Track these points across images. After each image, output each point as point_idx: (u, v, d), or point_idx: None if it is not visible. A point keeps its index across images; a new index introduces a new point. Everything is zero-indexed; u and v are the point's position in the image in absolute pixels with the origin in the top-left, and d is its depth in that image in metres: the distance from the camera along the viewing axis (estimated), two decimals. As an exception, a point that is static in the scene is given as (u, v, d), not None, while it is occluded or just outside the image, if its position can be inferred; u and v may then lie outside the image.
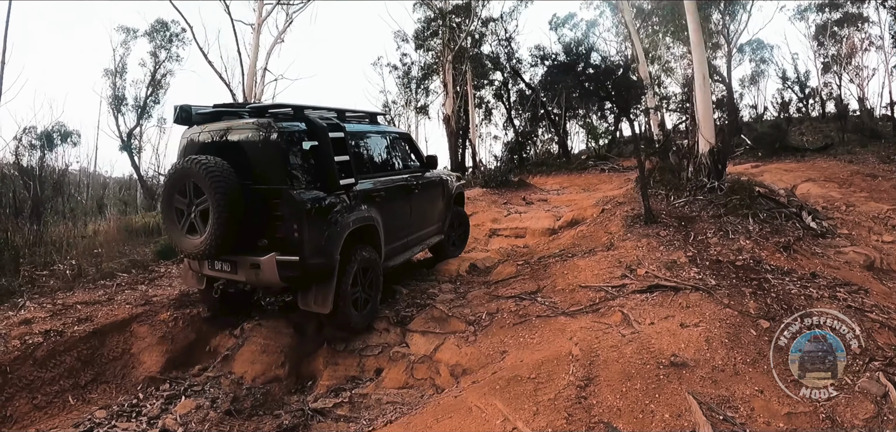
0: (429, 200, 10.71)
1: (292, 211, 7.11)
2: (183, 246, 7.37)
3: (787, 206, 12.64)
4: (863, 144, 24.92)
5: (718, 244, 10.31)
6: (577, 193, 21.31)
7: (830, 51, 35.06)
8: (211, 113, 7.96)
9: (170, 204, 7.41)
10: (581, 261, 10.15)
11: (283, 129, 7.27)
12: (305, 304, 7.70)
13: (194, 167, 6.90)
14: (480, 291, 9.77)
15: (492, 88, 35.52)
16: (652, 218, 11.83)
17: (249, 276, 7.39)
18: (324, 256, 7.44)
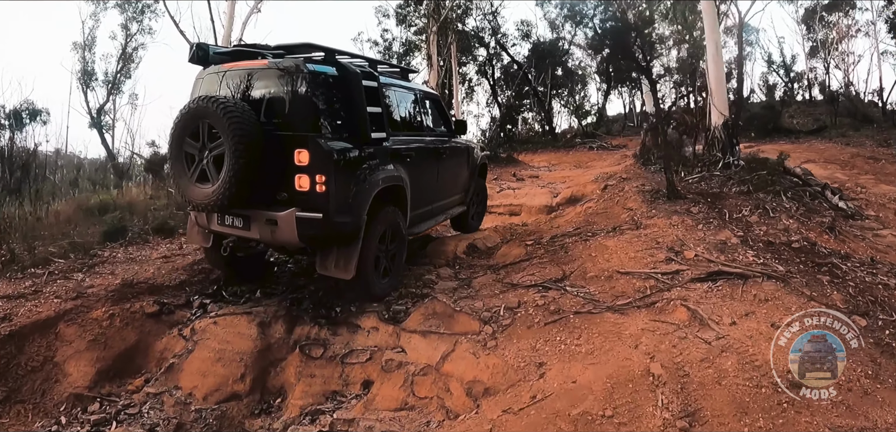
0: (455, 167, 9.69)
1: (319, 161, 6.20)
2: (192, 195, 6.44)
3: (811, 185, 11.45)
4: (855, 128, 24.57)
5: (761, 223, 8.99)
6: (570, 170, 19.85)
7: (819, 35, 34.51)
8: (230, 52, 7.18)
9: (179, 148, 6.51)
10: (608, 240, 8.26)
11: (313, 72, 6.39)
12: (324, 268, 6.73)
13: (210, 106, 6.11)
14: (488, 278, 7.79)
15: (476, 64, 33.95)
16: (676, 193, 10.35)
17: (264, 234, 6.50)
18: (350, 215, 6.50)
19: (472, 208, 10.77)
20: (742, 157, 13.41)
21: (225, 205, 6.22)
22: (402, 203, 7.57)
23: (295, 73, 6.37)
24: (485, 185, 11.65)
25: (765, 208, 9.54)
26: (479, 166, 10.76)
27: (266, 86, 6.59)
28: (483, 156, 11.18)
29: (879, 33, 31.38)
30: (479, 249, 9.39)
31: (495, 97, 32.33)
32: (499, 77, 33.00)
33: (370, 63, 7.82)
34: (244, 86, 6.67)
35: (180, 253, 8.97)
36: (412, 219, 7.95)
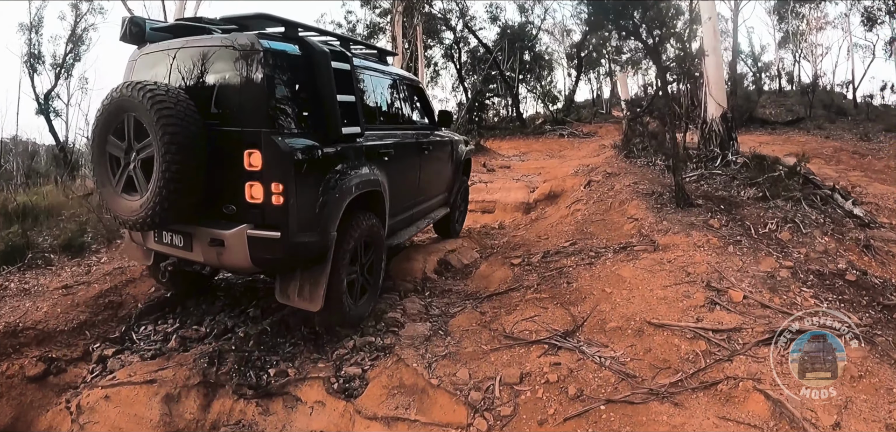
0: (439, 165, 8.12)
1: (275, 165, 4.61)
2: (117, 208, 4.87)
3: (820, 187, 9.84)
4: (830, 120, 24.06)
5: (796, 243, 7.29)
6: (543, 159, 18.28)
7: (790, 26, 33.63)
8: (170, 27, 5.62)
9: (102, 150, 4.93)
10: (622, 267, 6.35)
11: (269, 50, 4.77)
12: (285, 297, 5.20)
13: (136, 95, 4.54)
14: (470, 318, 5.84)
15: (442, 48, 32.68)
16: (686, 199, 8.59)
17: (209, 256, 4.90)
18: (316, 232, 4.94)
19: (457, 210, 9.16)
20: (741, 153, 11.72)
21: (156, 223, 4.67)
22: (380, 210, 5.99)
23: (246, 52, 4.75)
24: (467, 184, 9.97)
25: (793, 222, 7.88)
26: (463, 162, 9.15)
27: (213, 69, 4.98)
28: (467, 150, 9.48)
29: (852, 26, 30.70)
30: (453, 267, 7.64)
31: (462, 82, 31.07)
32: (465, 61, 31.82)
33: (341, 41, 6.20)
34: (187, 70, 5.07)
35: (86, 278, 6.86)
36: (390, 228, 6.40)
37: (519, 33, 30.12)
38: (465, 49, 31.82)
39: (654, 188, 9.56)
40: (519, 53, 29.57)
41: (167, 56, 5.25)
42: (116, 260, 7.44)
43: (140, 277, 6.86)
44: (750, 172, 10.48)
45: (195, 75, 5.04)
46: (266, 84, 4.71)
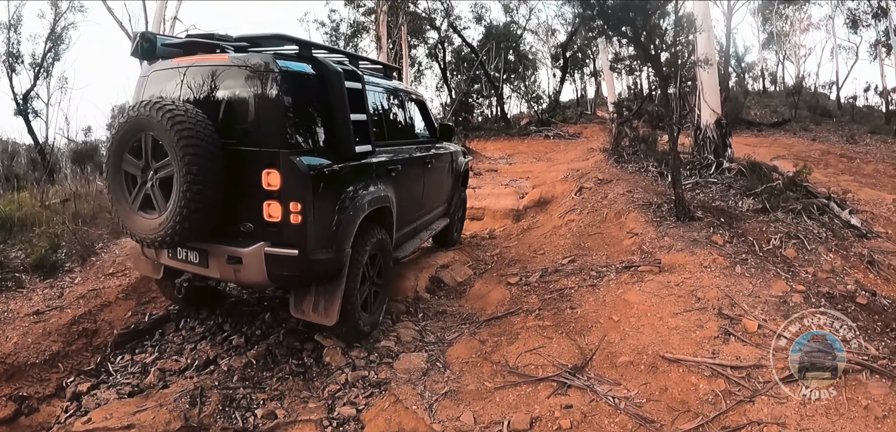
0: (440, 177, 8.21)
1: (293, 184, 4.67)
2: (134, 226, 4.89)
3: (816, 195, 9.73)
4: (815, 121, 24.10)
5: (802, 260, 7.12)
6: (530, 162, 17.90)
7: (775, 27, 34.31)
8: (182, 44, 5.54)
9: (117, 167, 4.94)
10: (628, 291, 6.06)
11: (286, 71, 4.85)
12: (300, 311, 5.23)
13: (155, 115, 4.54)
14: (469, 346, 5.54)
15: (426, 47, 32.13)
16: (686, 213, 8.31)
17: (226, 273, 4.92)
18: (333, 249, 5.03)
19: (454, 220, 9.25)
20: (736, 160, 11.50)
21: (175, 241, 4.73)
22: (389, 225, 6.11)
23: (263, 72, 4.83)
24: (466, 194, 10.09)
25: (797, 237, 7.68)
26: (462, 174, 9.28)
27: (227, 87, 5.02)
28: (465, 162, 9.60)
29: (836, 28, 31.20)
30: (446, 285, 7.37)
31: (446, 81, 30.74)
32: (450, 60, 31.50)
33: (350, 59, 6.28)
34: (199, 87, 5.11)
35: (59, 303, 6.41)
36: (397, 241, 6.47)
37: (503, 33, 29.89)
38: (449, 49, 31.51)
39: (650, 198, 9.32)
40: (503, 53, 29.34)
41: (180, 73, 5.23)
42: (91, 281, 7.04)
43: (115, 301, 6.49)
44: (746, 181, 10.29)
45: (209, 94, 5.06)
46: (283, 104, 4.77)
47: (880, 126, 23.03)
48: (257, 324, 6.15)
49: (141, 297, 6.78)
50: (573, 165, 14.82)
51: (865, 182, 13.47)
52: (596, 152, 16.10)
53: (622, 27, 8.00)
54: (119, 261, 7.60)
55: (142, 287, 6.91)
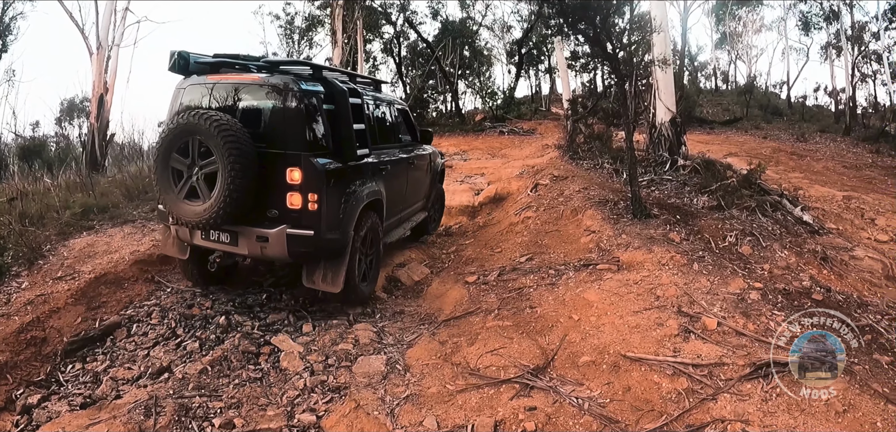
0: (421, 174, 9.48)
1: (311, 179, 5.94)
2: (180, 212, 5.98)
3: (769, 192, 9.90)
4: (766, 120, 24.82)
5: (758, 257, 7.25)
6: (486, 159, 17.96)
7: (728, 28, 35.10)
8: (212, 63, 6.60)
9: (165, 164, 6.01)
10: (587, 290, 6.06)
11: (305, 91, 6.10)
12: (311, 282, 6.39)
13: (203, 123, 5.65)
14: (428, 348, 5.53)
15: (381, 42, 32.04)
16: (643, 210, 8.41)
17: (253, 250, 6.13)
18: (339, 231, 6.28)
19: (432, 213, 10.37)
20: (690, 157, 11.63)
21: (217, 224, 5.87)
22: (380, 213, 7.28)
23: (287, 90, 6.07)
24: (442, 190, 11.11)
25: (752, 234, 7.81)
26: (438, 173, 10.53)
27: (256, 101, 6.25)
28: (441, 162, 10.84)
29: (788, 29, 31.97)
30: (403, 285, 7.52)
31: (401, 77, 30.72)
32: (405, 55, 31.59)
33: (349, 77, 7.71)
34: (232, 100, 6.29)
35: (6, 310, 6.22)
36: (386, 228, 7.64)
37: (459, 29, 29.99)
38: (405, 44, 31.52)
39: (607, 195, 9.38)
40: (459, 49, 29.44)
41: (211, 88, 6.37)
42: (38, 285, 6.81)
43: (64, 306, 6.29)
44: (700, 178, 10.40)
45: (241, 106, 6.20)
46: (303, 116, 6.01)
47: (830, 125, 23.63)
48: (211, 328, 6.01)
49: (91, 302, 6.59)
50: (528, 162, 15.00)
51: (816, 179, 13.81)
52: (551, 149, 16.28)
53: (580, 25, 8.03)
54: (68, 264, 7.37)
55: (91, 291, 6.73)
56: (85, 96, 23.00)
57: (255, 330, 5.99)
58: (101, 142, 16.85)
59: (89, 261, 7.51)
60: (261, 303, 6.87)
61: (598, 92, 17.30)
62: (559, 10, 8.12)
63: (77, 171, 14.84)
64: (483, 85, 32.22)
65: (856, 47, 25.75)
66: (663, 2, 12.00)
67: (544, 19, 9.51)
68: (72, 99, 26.47)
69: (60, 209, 9.30)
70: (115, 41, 17.49)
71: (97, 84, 16.89)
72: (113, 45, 17.40)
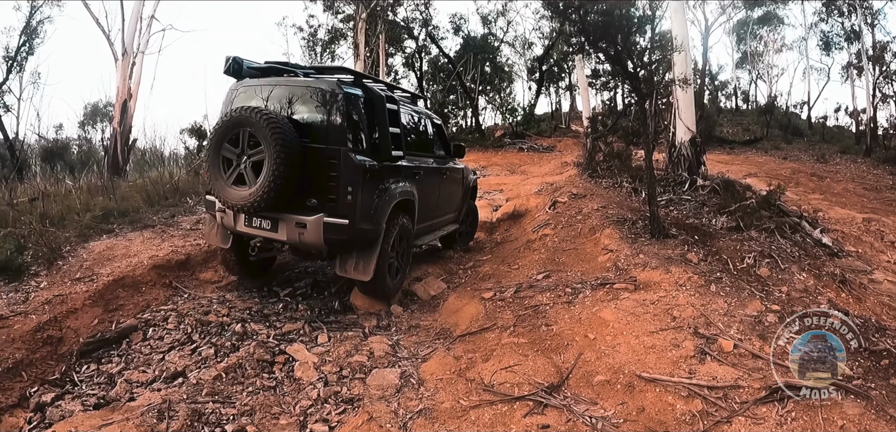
0: (452, 187, 9.87)
1: (349, 172, 6.49)
2: (228, 196, 6.52)
3: (788, 214, 9.81)
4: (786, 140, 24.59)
5: (776, 279, 7.10)
6: (504, 175, 17.93)
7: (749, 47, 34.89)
8: (262, 68, 7.41)
9: (217, 152, 6.64)
10: (603, 308, 6.01)
11: (347, 93, 6.68)
12: (344, 271, 6.93)
13: (253, 116, 6.30)
14: (443, 362, 5.47)
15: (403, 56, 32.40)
16: (661, 230, 8.33)
17: (292, 236, 6.60)
18: (372, 223, 6.81)
19: (463, 227, 10.70)
20: (709, 177, 11.55)
21: (260, 208, 6.31)
22: (411, 215, 7.77)
23: (330, 91, 6.64)
24: (475, 205, 11.44)
25: (771, 256, 7.70)
26: (470, 188, 10.77)
27: (301, 101, 6.80)
28: (473, 179, 11.08)
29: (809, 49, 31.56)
30: (419, 299, 7.50)
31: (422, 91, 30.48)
32: (426, 70, 31.80)
33: (388, 87, 8.16)
34: (279, 100, 6.86)
35: (24, 308, 6.20)
36: (417, 232, 8.12)
37: (481, 45, 30.06)
38: (426, 58, 31.64)
39: (625, 214, 9.34)
40: (480, 65, 29.50)
41: (261, 89, 6.99)
42: (57, 285, 6.85)
43: (81, 307, 6.32)
44: (719, 199, 10.33)
45: (288, 106, 6.78)
46: (344, 115, 6.54)
47: (850, 146, 23.38)
48: (227, 335, 6.03)
49: (108, 305, 6.62)
50: (547, 179, 14.93)
51: (836, 201, 13.75)
52: (570, 166, 16.21)
53: (602, 43, 8.02)
54: (87, 265, 7.42)
55: (109, 294, 6.76)
56: (108, 101, 23.25)
57: (270, 339, 5.99)
58: (123, 146, 17.04)
59: (108, 263, 7.55)
60: (277, 313, 6.89)
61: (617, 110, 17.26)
62: (581, 29, 8.12)
63: (99, 175, 14.99)
64: (503, 101, 32.32)
65: (877, 67, 25.49)
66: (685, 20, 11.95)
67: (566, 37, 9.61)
68: (95, 103, 26.79)
69: (81, 211, 9.37)
70: (140, 48, 17.83)
71: (121, 89, 17.10)
72: (138, 52, 17.74)
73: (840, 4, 28.06)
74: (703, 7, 23.24)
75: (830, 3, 28.76)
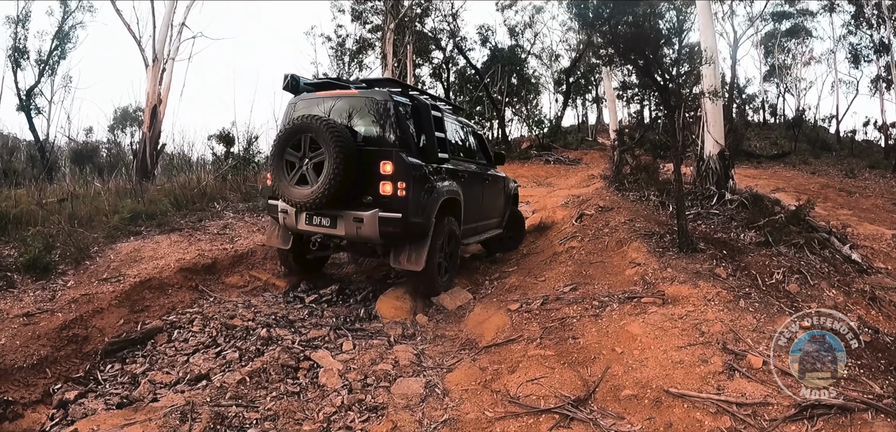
0: (495, 193, 10.53)
1: (401, 170, 7.18)
2: (291, 195, 7.30)
3: (817, 230, 9.70)
4: (815, 155, 24.45)
5: (806, 296, 7.07)
6: (531, 187, 17.89)
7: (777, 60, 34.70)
8: (316, 83, 8.46)
9: (281, 157, 7.41)
10: (631, 322, 5.90)
11: (396, 102, 7.49)
12: (398, 262, 7.58)
13: (314, 123, 7.06)
14: (468, 373, 5.43)
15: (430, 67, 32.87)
16: (689, 244, 8.18)
17: (350, 230, 7.35)
18: (423, 216, 7.47)
19: (506, 232, 11.17)
20: (738, 191, 11.41)
21: (321, 204, 7.03)
22: (458, 215, 8.44)
23: (382, 102, 7.45)
24: (520, 212, 12.01)
25: (800, 272, 7.59)
26: (512, 196, 11.42)
27: (356, 110, 7.60)
28: (514, 186, 11.74)
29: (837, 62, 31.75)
30: (445, 309, 7.44)
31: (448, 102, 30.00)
32: (453, 81, 32.14)
33: (431, 99, 8.82)
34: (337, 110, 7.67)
35: (50, 306, 6.32)
36: (463, 232, 8.74)
37: (508, 56, 30.11)
38: (453, 69, 31.84)
39: (652, 228, 9.22)
40: (507, 76, 29.50)
41: (318, 101, 7.81)
42: (84, 285, 6.93)
43: (107, 307, 6.39)
44: (748, 213, 10.21)
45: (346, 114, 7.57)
46: (395, 120, 7.31)
47: (879, 161, 23.08)
48: (252, 339, 6.02)
49: (134, 305, 6.69)
50: (573, 191, 14.92)
51: (865, 216, 13.61)
52: (596, 179, 16.18)
53: (631, 55, 7.97)
54: (114, 266, 7.47)
55: (135, 295, 6.82)
56: (138, 106, 23.53)
57: (295, 345, 5.97)
58: (152, 151, 17.23)
59: (135, 265, 7.62)
60: (302, 319, 6.92)
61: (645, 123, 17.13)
62: (610, 41, 8.11)
63: (127, 178, 15.14)
64: (530, 113, 32.42)
65: (906, 80, 24.98)
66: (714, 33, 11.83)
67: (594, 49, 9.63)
68: (125, 108, 27.13)
69: (109, 213, 9.47)
70: (171, 54, 18.18)
71: (151, 95, 17.33)
72: (168, 58, 18.07)
73: (869, 16, 27.78)
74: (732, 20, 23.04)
75: (859, 16, 28.52)
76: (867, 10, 27.84)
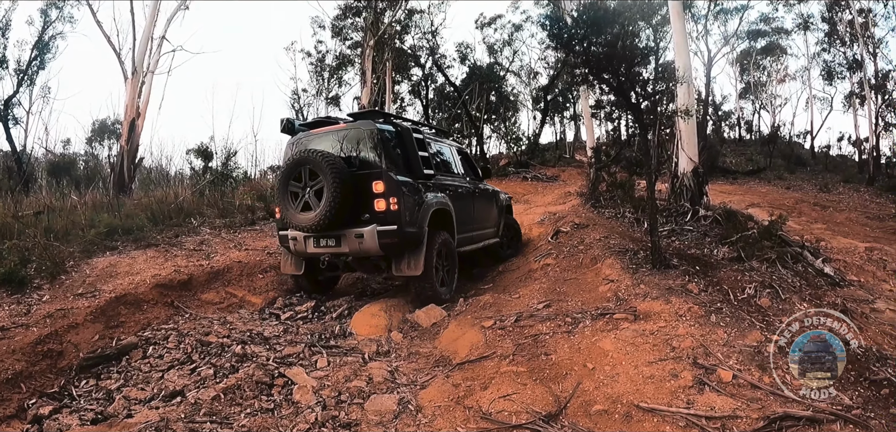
0: (486, 205, 11.26)
1: (391, 187, 7.98)
2: (298, 221, 8.07)
3: (790, 244, 9.77)
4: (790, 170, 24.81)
5: (777, 310, 7.06)
6: (509, 204, 17.36)
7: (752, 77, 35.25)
8: (309, 123, 9.41)
9: (285, 189, 8.27)
10: (603, 338, 5.95)
11: (381, 129, 8.35)
12: (399, 270, 8.30)
13: (311, 156, 7.95)
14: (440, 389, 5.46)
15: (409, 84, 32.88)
16: (662, 260, 8.29)
17: (353, 246, 8.09)
18: (416, 226, 8.22)
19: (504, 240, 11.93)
20: (711, 207, 11.54)
21: (325, 225, 7.81)
22: (450, 226, 9.20)
23: (368, 131, 8.29)
24: (515, 220, 12.81)
25: (771, 286, 7.66)
26: (505, 207, 12.20)
27: (347, 141, 8.41)
28: (506, 198, 12.49)
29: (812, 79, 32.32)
30: (419, 327, 7.52)
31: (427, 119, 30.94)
32: (432, 98, 32.24)
33: (413, 123, 9.67)
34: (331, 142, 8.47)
35: (25, 320, 6.32)
36: (459, 240, 9.52)
37: (487, 74, 30.31)
38: (432, 86, 31.94)
39: (627, 244, 9.35)
40: (485, 94, 29.79)
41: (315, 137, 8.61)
42: (59, 299, 6.91)
43: (83, 323, 6.39)
44: (721, 229, 10.32)
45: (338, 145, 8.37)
46: (381, 145, 8.11)
47: (853, 175, 23.44)
48: (227, 356, 6.02)
49: (109, 321, 6.70)
50: (550, 208, 15.16)
51: (838, 230, 13.76)
52: (573, 196, 16.35)
53: (604, 74, 8.10)
54: (89, 281, 7.45)
55: (110, 310, 6.82)
56: (116, 119, 23.36)
57: (270, 362, 5.98)
58: (129, 165, 17.16)
59: (111, 280, 7.60)
60: (278, 336, 6.92)
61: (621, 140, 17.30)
62: (584, 60, 8.25)
63: (104, 192, 15.05)
64: (508, 130, 32.69)
65: (879, 96, 25.69)
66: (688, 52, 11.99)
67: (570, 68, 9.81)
68: (104, 120, 26.87)
69: (85, 227, 9.43)
70: (150, 68, 18.20)
71: (130, 108, 17.27)
72: (147, 72, 18.01)
73: (842, 34, 28.38)
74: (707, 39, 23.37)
75: (833, 34, 29.14)
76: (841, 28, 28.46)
